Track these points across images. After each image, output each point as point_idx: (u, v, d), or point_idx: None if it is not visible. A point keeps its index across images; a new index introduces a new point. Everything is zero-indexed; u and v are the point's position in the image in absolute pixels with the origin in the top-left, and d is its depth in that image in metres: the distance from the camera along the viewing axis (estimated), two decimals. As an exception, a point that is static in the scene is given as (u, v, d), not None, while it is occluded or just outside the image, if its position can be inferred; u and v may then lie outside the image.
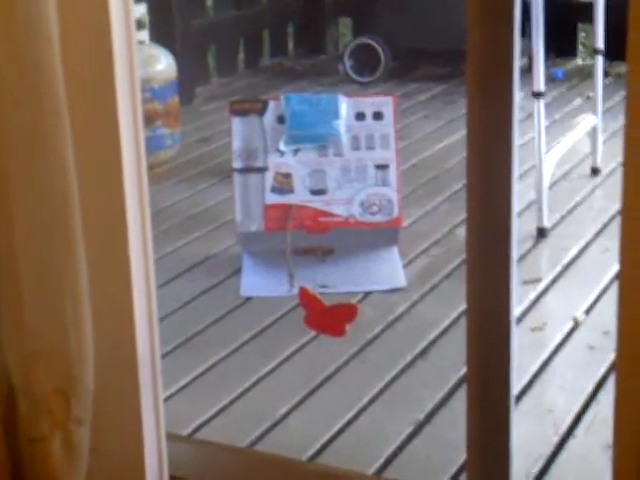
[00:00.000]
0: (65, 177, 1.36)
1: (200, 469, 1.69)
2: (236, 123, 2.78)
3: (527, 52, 2.89)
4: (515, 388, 1.50)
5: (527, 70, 2.97)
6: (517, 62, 1.34)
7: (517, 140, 1.38)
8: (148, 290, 1.52)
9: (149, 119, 3.36)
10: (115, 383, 1.51)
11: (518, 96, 1.37)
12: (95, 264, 1.42)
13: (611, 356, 2.14)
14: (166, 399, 1.70)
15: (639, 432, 1.22)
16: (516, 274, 1.42)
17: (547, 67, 3.01)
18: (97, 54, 1.39)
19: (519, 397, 2.05)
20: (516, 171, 1.40)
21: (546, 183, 2.91)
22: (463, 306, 1.86)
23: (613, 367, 1.76)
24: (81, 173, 1.38)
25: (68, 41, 1.34)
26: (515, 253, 1.42)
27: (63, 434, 1.44)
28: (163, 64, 3.54)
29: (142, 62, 3.36)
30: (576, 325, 2.38)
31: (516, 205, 1.41)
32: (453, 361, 2.17)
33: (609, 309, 2.24)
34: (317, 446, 1.93)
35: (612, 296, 2.44)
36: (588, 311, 2.45)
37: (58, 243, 1.38)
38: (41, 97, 1.32)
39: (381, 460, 1.88)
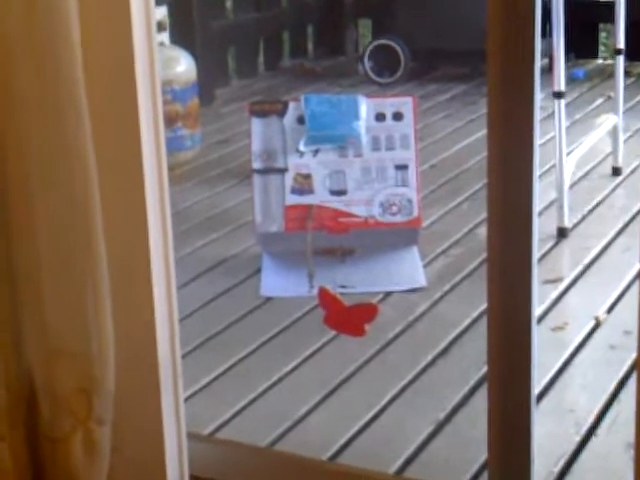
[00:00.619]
0: (86, 179, 1.36)
1: (220, 469, 1.69)
2: (256, 124, 2.79)
3: (548, 52, 2.88)
4: (536, 387, 1.50)
5: (548, 70, 2.96)
6: (538, 62, 1.33)
7: (538, 140, 1.38)
8: (169, 291, 1.52)
9: (169, 120, 3.37)
10: (136, 383, 1.52)
11: (539, 96, 1.37)
12: (116, 265, 1.43)
13: (633, 355, 2.13)
14: (187, 399, 1.70)
15: (661, 431, 1.22)
16: (537, 273, 1.42)
17: (568, 67, 3.00)
18: (118, 56, 1.40)
19: (540, 396, 2.04)
20: (537, 171, 1.40)
21: (567, 183, 2.90)
22: (483, 305, 1.86)
23: (635, 366, 1.76)
24: (102, 175, 1.38)
25: (89, 44, 1.35)
26: (536, 253, 1.42)
27: (84, 433, 1.45)
28: (183, 66, 3.56)
29: (162, 64, 3.37)
30: (597, 324, 2.37)
31: (537, 204, 1.41)
32: (474, 360, 2.17)
33: (631, 308, 2.23)
34: (337, 446, 1.93)
35: (634, 295, 2.44)
36: (609, 310, 2.44)
37: (79, 244, 1.39)
38: (62, 100, 1.33)
39: (401, 460, 1.88)
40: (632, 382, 2.04)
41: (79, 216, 1.38)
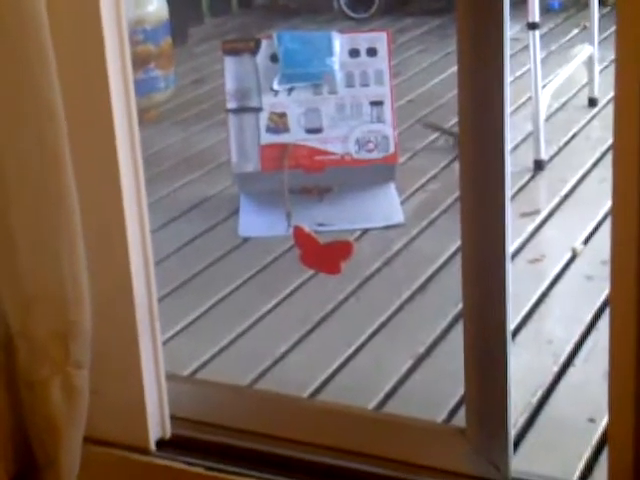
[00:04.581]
0: (55, 123, 1.35)
1: (200, 409, 1.70)
2: (229, 63, 2.76)
3: (521, -18, 2.85)
4: (514, 320, 1.51)
5: (522, 1, 2.94)
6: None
7: (512, 72, 1.37)
8: (142, 233, 1.52)
9: (142, 61, 3.33)
10: (113, 326, 1.52)
11: (512, 28, 1.35)
12: (89, 208, 1.42)
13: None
14: (166, 341, 1.71)
15: (634, 360, 1.23)
16: (513, 207, 1.42)
17: (542, -3, 2.98)
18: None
19: (518, 329, 2.05)
20: (509, 104, 1.39)
21: (543, 115, 2.89)
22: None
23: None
24: (71, 119, 1.36)
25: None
26: (510, 186, 1.42)
27: (63, 378, 1.45)
28: (155, 5, 3.50)
29: (133, 3, 3.32)
30: (574, 256, 2.39)
31: (512, 138, 1.40)
32: (452, 295, 2.16)
33: (607, 239, 2.24)
34: (317, 383, 1.94)
35: (610, 226, 2.44)
36: (586, 241, 2.45)
37: (50, 189, 1.38)
38: (28, 46, 1.31)
39: (381, 395, 1.89)
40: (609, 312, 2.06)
41: (49, 161, 1.36)
